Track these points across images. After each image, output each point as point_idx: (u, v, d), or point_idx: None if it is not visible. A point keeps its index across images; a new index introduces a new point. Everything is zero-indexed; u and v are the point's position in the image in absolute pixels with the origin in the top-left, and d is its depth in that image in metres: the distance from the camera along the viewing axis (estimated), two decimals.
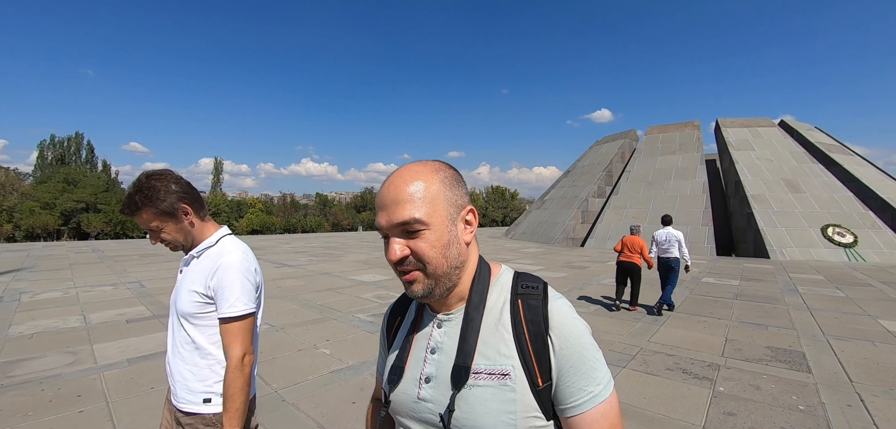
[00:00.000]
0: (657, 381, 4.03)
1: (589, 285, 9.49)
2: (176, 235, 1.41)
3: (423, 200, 0.70)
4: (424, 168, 0.74)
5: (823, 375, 4.23)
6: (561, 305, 0.75)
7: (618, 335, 5.58)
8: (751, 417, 3.31)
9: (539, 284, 0.77)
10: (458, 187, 0.76)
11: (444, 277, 0.73)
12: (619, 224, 20.09)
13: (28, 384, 3.88)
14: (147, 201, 1.35)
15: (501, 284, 0.80)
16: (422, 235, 0.70)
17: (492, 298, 0.78)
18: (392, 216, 0.70)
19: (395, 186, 0.71)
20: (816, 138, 23.17)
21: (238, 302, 1.34)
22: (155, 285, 9.11)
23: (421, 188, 0.71)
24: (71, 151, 56.76)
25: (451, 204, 0.73)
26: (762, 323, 6.24)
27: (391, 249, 0.70)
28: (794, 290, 9.13)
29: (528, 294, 0.76)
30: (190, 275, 1.41)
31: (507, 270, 0.83)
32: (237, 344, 1.33)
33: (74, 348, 4.94)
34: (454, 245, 0.73)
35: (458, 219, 0.75)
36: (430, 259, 0.70)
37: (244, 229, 52.37)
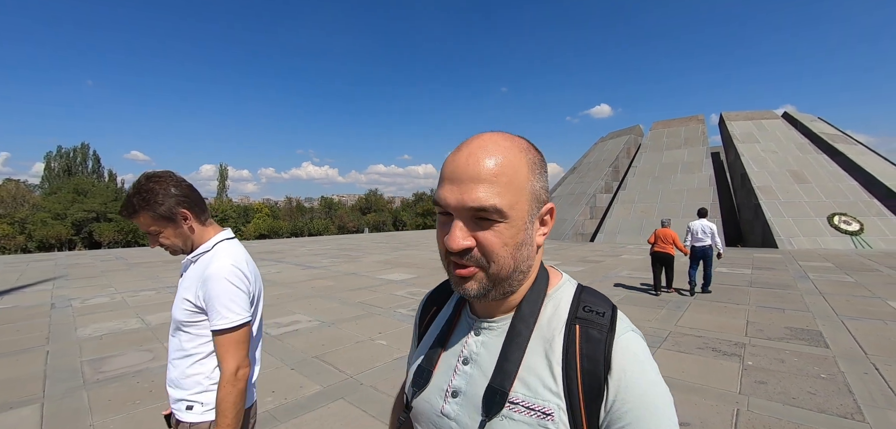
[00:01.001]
0: (691, 358, 4.46)
1: (608, 277, 9.91)
2: (174, 240, 1.39)
3: (508, 186, 0.58)
4: (512, 144, 0.61)
5: (840, 349, 4.65)
6: (632, 343, 0.61)
7: (647, 321, 6.01)
8: (780, 384, 3.74)
9: (606, 310, 0.64)
10: (543, 177, 0.64)
11: (506, 280, 0.62)
12: (628, 219, 20.50)
13: (123, 378, 4.33)
14: (145, 204, 1.33)
15: (558, 298, 0.68)
16: (496, 227, 0.58)
17: (545, 315, 0.66)
18: (466, 196, 0.57)
19: (477, 158, 0.58)
20: (820, 129, 23.50)
21: (229, 313, 1.30)
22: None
23: (507, 170, 0.59)
24: (77, 161, 57.47)
25: (535, 197, 0.62)
26: (779, 307, 6.66)
27: (453, 235, 0.58)
28: (805, 277, 9.53)
29: (589, 321, 0.62)
30: (185, 281, 1.39)
31: (568, 281, 0.71)
32: (230, 357, 1.30)
33: (147, 346, 5.38)
34: (527, 246, 0.62)
35: (537, 216, 0.63)
36: (498, 258, 0.59)
37: (252, 234, 52.92)
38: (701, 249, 8.01)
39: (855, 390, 3.60)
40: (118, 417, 3.44)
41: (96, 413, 3.51)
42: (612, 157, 26.07)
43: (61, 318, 7.12)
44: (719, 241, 8.06)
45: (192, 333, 1.35)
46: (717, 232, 8.07)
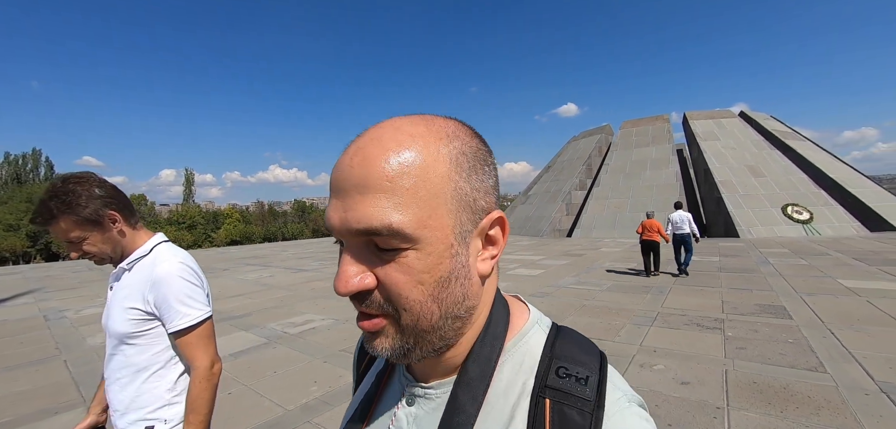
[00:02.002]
0: (680, 332, 5.09)
1: (594, 268, 10.61)
2: (102, 247, 1.25)
3: (415, 194, 0.39)
4: (426, 130, 0.42)
5: (802, 319, 5.40)
6: (626, 424, 0.41)
7: (636, 304, 6.65)
8: (756, 349, 4.39)
9: (590, 374, 0.43)
10: (484, 174, 0.44)
11: (430, 332, 0.43)
12: (602, 214, 21.53)
13: None
14: (66, 208, 1.17)
15: (523, 354, 0.47)
16: (402, 257, 0.40)
17: (501, 380, 0.46)
18: (350, 214, 0.39)
19: (365, 156, 0.40)
20: (773, 127, 25.36)
21: (191, 310, 1.22)
22: None
23: (413, 169, 0.39)
24: (27, 168, 54.26)
25: (466, 206, 0.42)
26: (747, 288, 7.47)
27: (342, 274, 0.40)
28: (766, 262, 10.54)
29: (565, 393, 0.42)
30: (122, 291, 1.26)
31: (537, 324, 0.50)
32: (201, 353, 1.22)
33: None
34: (459, 281, 0.42)
35: (473, 233, 0.43)
36: (410, 303, 0.41)
37: (223, 240, 51.51)
38: (681, 236, 9.23)
39: (816, 350, 4.29)
40: None
41: None
42: (585, 155, 27.20)
43: (62, 329, 7.08)
44: (695, 228, 9.35)
45: (142, 344, 1.23)
46: (692, 220, 9.35)
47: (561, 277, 9.61)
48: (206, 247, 46.85)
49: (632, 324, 5.55)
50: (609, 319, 5.86)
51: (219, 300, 8.62)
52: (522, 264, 12.05)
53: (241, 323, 6.62)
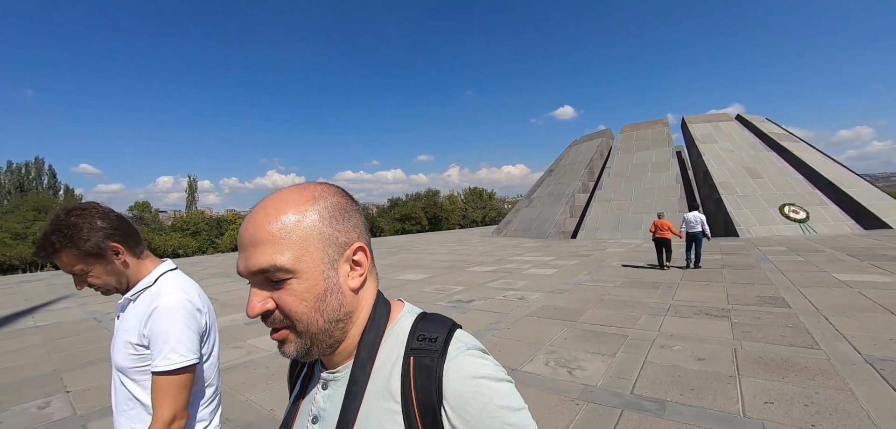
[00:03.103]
0: (692, 320, 5.74)
1: (603, 266, 11.26)
2: (106, 279, 1.25)
3: (289, 242, 0.56)
4: (296, 197, 0.60)
5: (799, 308, 6.06)
6: (464, 363, 0.57)
7: (649, 298, 7.31)
8: (760, 332, 5.05)
9: (439, 334, 0.60)
10: (343, 220, 0.61)
11: (320, 334, 0.59)
12: (605, 216, 22.21)
13: (238, 368, 5.13)
14: (67, 242, 1.18)
15: (396, 333, 0.64)
16: (287, 285, 0.56)
17: (383, 355, 0.63)
18: (249, 261, 0.56)
19: (256, 222, 0.57)
20: (769, 129, 26.13)
21: (173, 354, 1.16)
22: (229, 298, 10.18)
23: (288, 225, 0.57)
24: (30, 177, 54.52)
25: (330, 243, 0.59)
26: (749, 282, 8.14)
27: (250, 303, 0.57)
28: (765, 259, 11.22)
29: (422, 350, 0.59)
30: (126, 322, 1.26)
31: (409, 312, 0.67)
32: (166, 403, 1.15)
33: (234, 344, 6.14)
34: (333, 295, 0.59)
35: (340, 261, 0.60)
36: (298, 315, 0.57)
37: (227, 247, 51.92)
38: (693, 234, 10.37)
39: (813, 333, 4.95)
40: (262, 393, 4.29)
41: (243, 392, 4.34)
42: (587, 159, 27.91)
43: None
44: (707, 227, 10.60)
45: (142, 380, 1.23)
46: (705, 221, 10.63)
47: (574, 275, 10.26)
48: (210, 253, 47.22)
49: (648, 314, 6.20)
50: (626, 310, 6.51)
51: None
52: (535, 265, 12.70)
53: None
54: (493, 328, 5.92)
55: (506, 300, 7.79)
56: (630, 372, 4.09)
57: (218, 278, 14.02)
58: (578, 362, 4.45)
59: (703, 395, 3.52)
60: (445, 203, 70.08)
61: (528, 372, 4.24)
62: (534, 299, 7.72)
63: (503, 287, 9.15)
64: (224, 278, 13.95)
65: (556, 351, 4.82)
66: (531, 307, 7.09)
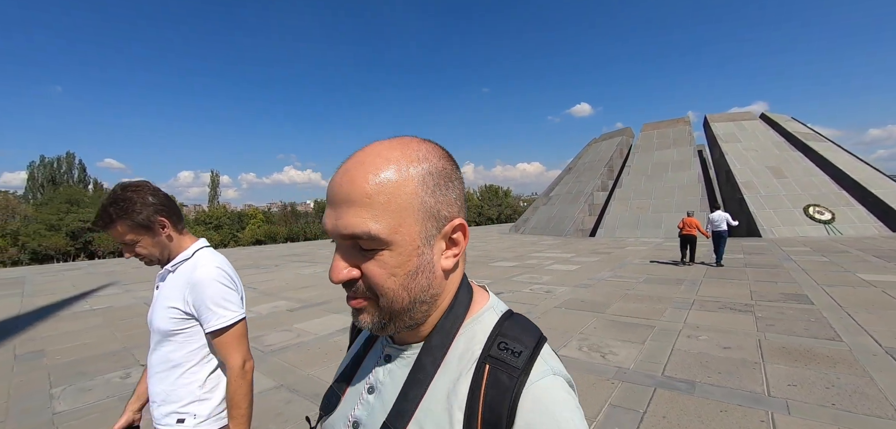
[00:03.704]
0: (716, 314, 6.00)
1: (625, 264, 11.49)
2: (152, 250, 1.38)
3: (387, 207, 0.51)
4: (401, 154, 0.53)
5: (823, 305, 6.25)
6: (547, 391, 0.51)
7: (673, 293, 7.56)
8: (784, 325, 5.29)
9: (524, 349, 0.54)
10: (447, 189, 0.55)
11: (402, 313, 0.55)
12: (625, 214, 22.27)
13: (291, 348, 5.59)
14: (122, 214, 1.32)
15: (477, 329, 0.59)
16: (379, 256, 0.52)
17: (457, 349, 0.58)
18: (339, 221, 0.52)
19: (351, 177, 0.52)
20: (794, 128, 25.74)
21: (225, 312, 1.32)
22: (268, 287, 10.75)
23: (387, 187, 0.51)
24: (61, 171, 56.70)
25: (430, 215, 0.53)
26: (772, 280, 8.31)
27: (334, 267, 0.53)
28: (789, 259, 11.29)
29: (501, 361, 0.53)
30: (166, 290, 1.38)
31: (492, 309, 0.62)
32: (235, 353, 1.33)
33: (282, 328, 6.62)
34: (424, 274, 0.54)
35: (437, 237, 0.55)
36: (385, 291, 0.53)
37: (248, 240, 53.19)
38: (718, 232, 10.93)
39: (835, 327, 5.17)
40: (321, 368, 4.73)
41: (304, 368, 4.79)
42: (607, 157, 27.93)
43: None
44: (732, 221, 11.29)
45: (179, 341, 1.35)
46: (730, 218, 11.33)
47: (597, 271, 10.52)
48: (231, 246, 48.50)
49: (672, 308, 6.47)
50: (652, 304, 6.78)
51: (296, 291, 9.78)
52: (557, 261, 12.98)
53: (329, 308, 7.71)
54: None
55: (533, 293, 8.13)
56: (660, 357, 4.40)
57: (250, 270, 14.67)
58: (610, 347, 4.78)
59: (730, 378, 3.82)
60: None
61: (563, 356, 4.59)
62: (560, 293, 8.04)
63: (529, 281, 9.48)
64: (255, 269, 14.60)
65: (589, 338, 5.15)
66: (558, 300, 7.41)
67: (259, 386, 4.17)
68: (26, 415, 3.84)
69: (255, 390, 3.95)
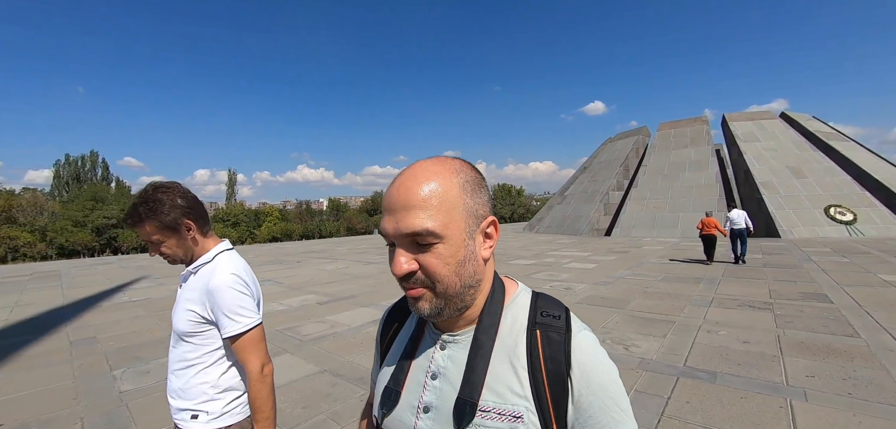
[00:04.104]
0: (735, 311, 6.16)
1: (642, 263, 11.61)
2: (176, 250, 1.43)
3: (439, 208, 0.63)
4: (443, 168, 0.66)
5: (842, 304, 6.36)
6: (587, 339, 0.68)
7: (692, 291, 7.72)
8: (803, 322, 5.45)
9: (561, 313, 0.71)
10: (481, 193, 0.69)
11: (455, 297, 0.66)
12: (641, 214, 22.26)
13: (328, 338, 5.93)
14: (151, 214, 1.36)
15: (517, 307, 0.74)
16: (434, 248, 0.63)
17: (505, 324, 0.72)
18: (400, 224, 0.63)
19: (407, 187, 0.64)
20: (815, 128, 25.36)
21: (241, 318, 1.36)
22: (294, 281, 11.16)
23: (437, 193, 0.63)
24: (86, 169, 58.43)
25: (471, 214, 0.66)
26: (792, 280, 8.39)
27: (397, 262, 0.64)
28: (808, 259, 11.29)
29: (548, 325, 0.69)
30: (187, 292, 1.43)
31: (524, 290, 0.77)
32: (253, 357, 1.36)
33: (315, 319, 6.97)
34: (471, 262, 0.66)
35: (477, 231, 0.67)
36: (441, 277, 0.64)
37: (264, 237, 54.16)
38: (738, 231, 11.14)
39: (854, 324, 5.31)
40: (359, 355, 5.04)
41: (343, 355, 5.11)
42: (622, 156, 27.87)
43: None
44: (750, 223, 11.34)
45: (196, 342, 1.40)
46: (748, 217, 11.43)
47: (615, 270, 10.68)
48: (249, 243, 49.45)
49: (692, 305, 6.64)
50: (671, 301, 6.96)
51: (321, 286, 10.15)
52: (575, 260, 13.15)
53: (357, 301, 8.05)
54: None
55: (553, 290, 8.35)
56: (681, 350, 4.62)
57: (274, 265, 15.15)
58: (632, 340, 5.00)
59: (750, 369, 4.03)
60: None
61: None
62: (580, 289, 8.25)
63: (548, 278, 9.70)
64: (279, 265, 15.07)
65: (611, 332, 5.38)
66: (579, 296, 7.63)
67: (303, 371, 4.51)
68: (97, 393, 4.23)
69: (300, 375, 4.29)
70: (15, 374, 4.87)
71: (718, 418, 3.16)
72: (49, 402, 4.06)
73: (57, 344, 6.10)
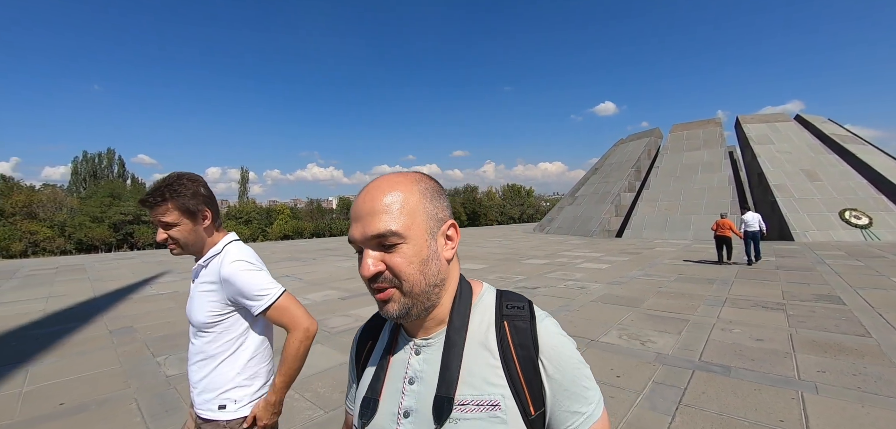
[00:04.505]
0: (748, 311, 6.32)
1: (655, 263, 11.75)
2: (187, 236, 1.44)
3: (401, 212, 0.68)
4: (404, 178, 0.72)
5: (855, 306, 6.48)
6: (549, 325, 0.74)
7: (705, 292, 7.87)
8: (815, 322, 5.60)
9: (525, 304, 0.76)
10: (439, 200, 0.74)
11: (421, 295, 0.70)
12: (653, 216, 22.29)
13: (352, 330, 6.20)
14: (175, 194, 1.40)
15: (484, 305, 0.78)
16: (398, 249, 0.67)
17: (475, 321, 0.76)
18: (367, 228, 0.67)
19: (372, 196, 0.69)
20: (831, 130, 25.14)
21: (265, 291, 1.41)
22: (313, 278, 11.49)
23: (399, 199, 0.69)
24: (102, 165, 59.76)
25: (432, 217, 0.72)
26: (805, 282, 8.50)
27: (364, 264, 0.67)
28: (822, 262, 11.34)
29: (514, 316, 0.74)
30: (201, 285, 1.46)
31: (489, 289, 0.81)
32: (294, 317, 1.42)
33: (340, 313, 7.26)
34: (433, 261, 0.71)
35: (438, 234, 0.72)
36: (406, 275, 0.68)
37: (276, 235, 54.85)
38: (752, 233, 11.43)
39: (865, 325, 5.45)
40: None
41: None
42: (634, 158, 27.87)
43: None
44: (763, 225, 11.68)
45: (216, 332, 1.43)
46: (762, 219, 11.78)
47: (628, 270, 10.84)
48: (260, 240, 50.13)
49: (705, 305, 6.81)
50: (685, 301, 7.13)
51: (340, 282, 10.46)
52: (586, 260, 13.31)
53: None
54: (563, 309, 6.74)
55: (568, 288, 8.55)
56: (696, 346, 4.81)
57: (290, 262, 15.52)
58: (648, 336, 5.20)
59: (763, 364, 4.21)
60: (484, 199, 70.80)
61: (605, 342, 5.05)
62: (594, 289, 8.45)
63: (562, 278, 9.90)
64: (295, 262, 15.44)
65: (627, 329, 5.58)
66: (593, 295, 7.83)
67: (336, 360, 4.79)
68: (145, 377, 4.54)
69: (333, 363, 4.61)
70: (64, 359, 5.21)
71: (733, 407, 3.36)
72: (101, 384, 4.38)
73: (97, 332, 6.46)
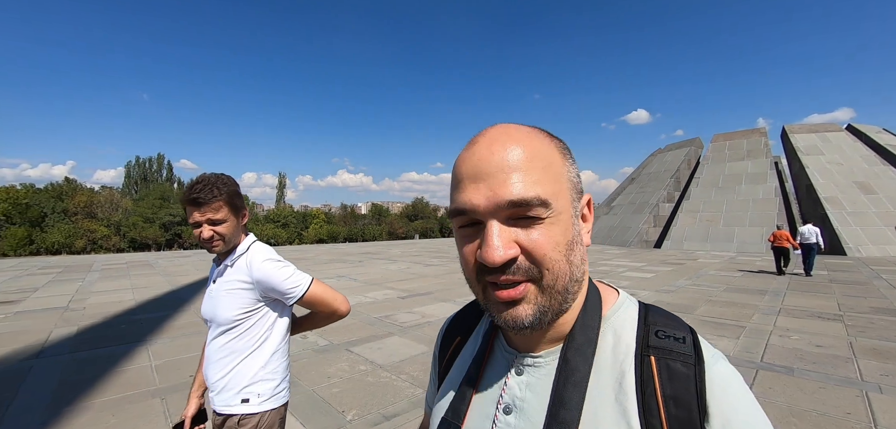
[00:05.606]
0: (804, 320, 6.46)
1: (701, 274, 11.79)
2: (228, 231, 1.47)
3: (546, 173, 0.48)
4: (536, 131, 0.52)
5: None
6: (728, 376, 0.48)
7: (758, 301, 8.00)
8: (875, 332, 5.73)
9: (686, 334, 0.51)
10: (576, 164, 0.54)
11: (562, 293, 0.49)
12: (694, 227, 21.98)
13: (423, 326, 6.73)
14: (227, 189, 1.46)
15: (621, 321, 0.55)
16: (542, 225, 0.47)
17: (606, 344, 0.53)
18: (499, 190, 0.46)
19: (502, 144, 0.48)
20: (886, 141, 24.06)
21: (298, 281, 1.48)
22: (367, 278, 12.17)
23: (542, 154, 0.49)
24: (152, 169, 63.74)
25: (573, 186, 0.51)
26: (861, 296, 8.46)
27: (491, 246, 0.46)
28: (878, 277, 11.09)
29: (667, 350, 0.50)
30: (227, 284, 1.47)
31: (628, 300, 0.58)
32: (331, 300, 1.53)
33: (405, 310, 7.82)
34: (578, 246, 0.51)
35: (579, 209, 0.52)
36: (551, 262, 0.47)
37: (311, 238, 56.68)
38: (808, 245, 11.71)
39: None
40: None
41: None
42: (673, 168, 27.50)
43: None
44: (822, 241, 11.93)
45: (245, 328, 1.45)
46: (820, 233, 11.97)
47: (674, 280, 10.96)
48: (296, 243, 51.95)
49: (759, 314, 6.97)
50: (738, 309, 7.30)
51: (396, 283, 11.08)
52: (629, 269, 13.45)
53: (435, 297, 8.87)
54: None
55: None
56: (756, 349, 5.07)
57: (338, 263, 16.35)
58: (707, 340, 5.47)
59: (825, 366, 4.46)
60: None
61: None
62: (644, 296, 8.69)
63: None
64: (344, 264, 16.24)
65: None
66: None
67: (416, 350, 5.32)
68: None
69: (415, 352, 5.20)
70: (175, 340, 5.97)
71: (801, 402, 3.66)
72: None
73: (188, 319, 7.25)
